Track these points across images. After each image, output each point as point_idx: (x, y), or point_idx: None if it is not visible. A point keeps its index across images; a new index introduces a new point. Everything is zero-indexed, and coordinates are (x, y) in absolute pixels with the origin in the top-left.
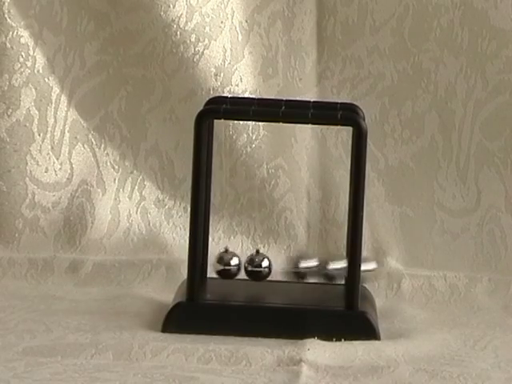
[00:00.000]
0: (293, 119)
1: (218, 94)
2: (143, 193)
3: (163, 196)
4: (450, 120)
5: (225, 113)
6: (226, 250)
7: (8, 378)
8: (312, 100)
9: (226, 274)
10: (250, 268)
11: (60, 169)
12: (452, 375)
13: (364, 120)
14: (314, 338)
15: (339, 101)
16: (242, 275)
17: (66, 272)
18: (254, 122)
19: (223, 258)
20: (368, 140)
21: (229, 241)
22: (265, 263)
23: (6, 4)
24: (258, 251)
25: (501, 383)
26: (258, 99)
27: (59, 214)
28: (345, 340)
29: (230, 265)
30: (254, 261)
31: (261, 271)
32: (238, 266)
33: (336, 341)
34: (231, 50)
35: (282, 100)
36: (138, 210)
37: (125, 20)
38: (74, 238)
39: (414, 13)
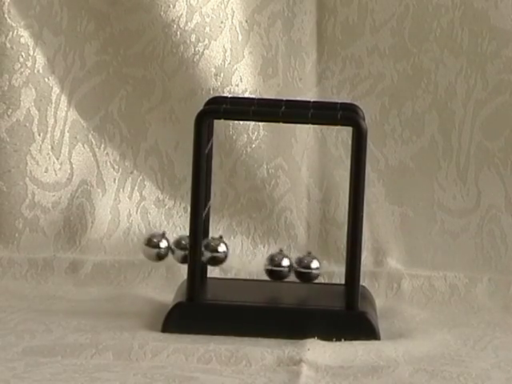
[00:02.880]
0: (293, 119)
1: (217, 94)
2: (143, 193)
3: (163, 196)
4: (450, 120)
5: (225, 113)
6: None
7: (8, 378)
8: (312, 100)
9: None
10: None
11: (60, 169)
12: (452, 375)
13: (364, 120)
14: (314, 337)
15: (339, 101)
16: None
17: (65, 272)
18: (254, 122)
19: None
20: (368, 140)
21: (229, 241)
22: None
23: (6, 4)
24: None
25: (501, 383)
26: (258, 99)
27: (59, 214)
28: (345, 340)
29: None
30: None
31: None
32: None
33: (336, 341)
34: (231, 49)
35: (282, 100)
36: (138, 210)
37: (125, 20)
38: (74, 238)
39: (414, 13)
